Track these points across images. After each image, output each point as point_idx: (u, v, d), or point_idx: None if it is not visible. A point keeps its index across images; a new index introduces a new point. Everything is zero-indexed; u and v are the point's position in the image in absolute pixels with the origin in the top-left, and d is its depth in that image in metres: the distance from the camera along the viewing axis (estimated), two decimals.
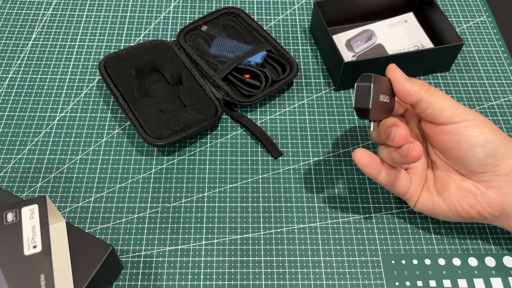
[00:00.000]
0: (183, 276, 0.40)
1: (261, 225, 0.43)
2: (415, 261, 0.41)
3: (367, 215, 0.44)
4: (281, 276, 0.41)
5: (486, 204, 0.38)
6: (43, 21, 0.58)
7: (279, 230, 0.43)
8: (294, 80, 0.53)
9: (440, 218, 0.40)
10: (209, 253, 0.42)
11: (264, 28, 0.56)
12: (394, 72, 0.38)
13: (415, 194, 0.40)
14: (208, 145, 0.48)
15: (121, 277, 0.40)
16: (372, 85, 0.34)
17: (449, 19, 0.57)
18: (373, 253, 0.42)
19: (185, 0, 0.61)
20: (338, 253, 0.42)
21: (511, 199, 0.37)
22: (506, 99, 0.52)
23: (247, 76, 0.51)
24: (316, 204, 0.45)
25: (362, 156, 0.38)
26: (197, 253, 0.42)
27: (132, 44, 0.56)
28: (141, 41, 0.56)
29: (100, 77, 0.53)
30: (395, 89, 0.38)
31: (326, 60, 0.54)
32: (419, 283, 0.40)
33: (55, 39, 0.56)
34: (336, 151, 0.48)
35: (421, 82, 0.38)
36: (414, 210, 0.42)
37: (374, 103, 0.35)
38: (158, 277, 0.40)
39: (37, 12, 0.59)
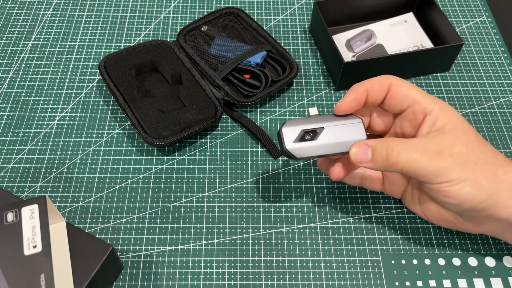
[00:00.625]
0: (183, 276, 0.40)
1: (261, 225, 0.43)
2: (415, 261, 0.41)
3: (367, 215, 0.44)
4: (281, 276, 0.41)
5: (465, 229, 0.39)
6: (43, 21, 0.58)
7: (279, 230, 0.43)
8: (294, 80, 0.53)
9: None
10: (209, 253, 0.42)
11: (264, 28, 0.56)
12: (356, 154, 0.37)
13: (396, 195, 0.42)
14: (208, 145, 0.48)
15: (121, 277, 0.40)
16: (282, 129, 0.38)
17: (449, 19, 0.57)
18: (373, 253, 0.42)
19: (185, 0, 0.61)
20: (338, 253, 0.42)
21: (490, 229, 0.38)
22: (506, 99, 0.52)
23: (247, 76, 0.51)
24: (316, 204, 0.45)
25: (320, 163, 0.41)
26: (197, 253, 0.42)
27: (132, 44, 0.56)
28: (141, 41, 0.56)
29: (100, 77, 0.53)
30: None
31: (326, 60, 0.54)
32: (419, 283, 0.40)
33: (55, 39, 0.56)
34: None
35: (395, 159, 0.35)
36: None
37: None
38: (158, 277, 0.40)
39: (37, 12, 0.59)
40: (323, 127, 0.38)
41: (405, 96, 0.37)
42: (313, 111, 0.39)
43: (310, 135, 0.38)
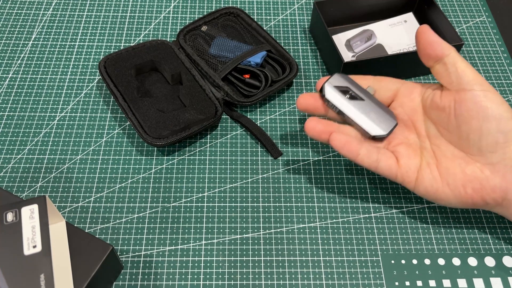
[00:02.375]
0: (183, 276, 0.40)
1: (261, 225, 0.43)
2: (414, 261, 0.41)
3: (367, 215, 0.44)
4: (281, 276, 0.41)
5: (490, 189, 0.37)
6: (43, 21, 0.58)
7: (279, 230, 0.43)
8: (294, 80, 0.53)
9: (441, 203, 0.40)
10: (209, 253, 0.42)
11: (264, 28, 0.56)
12: (422, 29, 0.39)
13: (408, 177, 0.39)
14: (208, 145, 0.48)
15: (121, 277, 0.40)
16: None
17: (449, 19, 0.57)
18: (373, 253, 0.42)
19: (185, 0, 0.61)
20: (338, 253, 0.42)
21: None
22: (506, 99, 0.52)
23: (247, 76, 0.51)
24: (316, 204, 0.45)
25: (313, 127, 0.41)
26: (197, 253, 0.42)
27: (132, 44, 0.56)
28: (141, 41, 0.56)
29: (100, 77, 0.53)
30: (423, 41, 0.39)
31: (326, 60, 0.54)
32: (419, 283, 0.40)
33: (55, 39, 0.56)
34: (336, 151, 0.48)
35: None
36: (415, 193, 0.41)
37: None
38: (158, 277, 0.40)
39: (37, 12, 0.59)
40: (364, 99, 0.41)
41: (412, 89, 0.42)
42: (371, 89, 0.42)
43: (350, 94, 0.41)
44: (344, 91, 0.41)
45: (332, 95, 0.41)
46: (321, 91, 0.41)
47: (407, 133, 0.41)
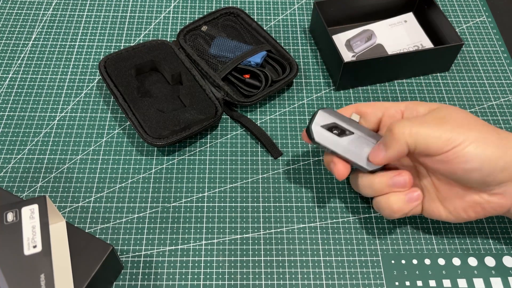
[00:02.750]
0: (183, 276, 0.40)
1: (261, 225, 0.43)
2: (415, 261, 0.41)
3: (367, 215, 0.44)
4: (281, 276, 0.41)
5: (492, 209, 0.37)
6: (43, 21, 0.58)
7: (279, 230, 0.43)
8: (294, 80, 0.53)
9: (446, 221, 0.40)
10: (209, 253, 0.42)
11: (264, 28, 0.56)
12: (372, 154, 0.38)
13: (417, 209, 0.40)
14: (208, 145, 0.48)
15: (121, 277, 0.40)
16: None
17: (449, 19, 0.57)
18: (373, 253, 0.42)
19: (185, 0, 0.61)
20: (338, 253, 0.42)
21: None
22: (506, 99, 0.52)
23: (247, 76, 0.51)
24: (316, 204, 0.45)
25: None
26: (197, 253, 0.42)
27: (132, 44, 0.56)
28: (141, 41, 0.56)
29: (100, 77, 0.53)
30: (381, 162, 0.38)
31: (326, 60, 0.54)
32: (419, 283, 0.40)
33: (55, 39, 0.56)
34: None
35: (400, 133, 0.36)
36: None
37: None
38: (158, 277, 0.40)
39: (37, 12, 0.59)
40: (353, 133, 0.39)
41: (377, 107, 0.40)
42: (355, 116, 0.40)
43: (338, 130, 0.39)
44: (331, 127, 0.39)
45: (321, 137, 0.39)
46: (309, 134, 0.39)
47: (402, 158, 0.40)
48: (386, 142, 0.37)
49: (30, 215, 0.34)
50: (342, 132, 0.39)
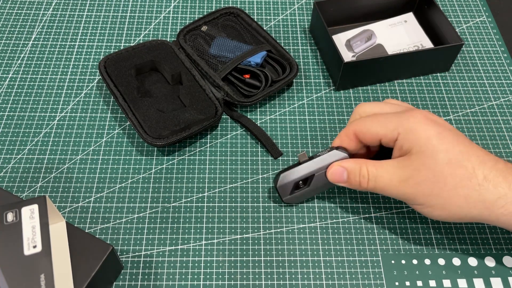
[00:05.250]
0: (183, 276, 0.40)
1: (261, 225, 0.43)
2: (415, 261, 0.41)
3: (367, 215, 0.44)
4: (281, 276, 0.41)
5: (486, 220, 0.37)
6: (43, 21, 0.58)
7: (279, 230, 0.43)
8: (294, 80, 0.53)
9: None
10: (209, 253, 0.42)
11: (264, 28, 0.56)
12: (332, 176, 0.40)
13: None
14: (208, 145, 0.48)
15: (121, 277, 0.40)
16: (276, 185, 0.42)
17: (449, 19, 0.57)
18: (373, 253, 0.42)
19: (185, 0, 0.61)
20: (338, 253, 0.42)
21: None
22: (506, 99, 0.52)
23: (247, 76, 0.51)
24: (316, 204, 0.45)
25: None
26: (197, 253, 0.42)
27: (132, 44, 0.56)
28: (141, 41, 0.56)
29: (100, 77, 0.53)
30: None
31: (326, 60, 0.54)
32: (419, 283, 0.40)
33: (55, 39, 0.56)
34: None
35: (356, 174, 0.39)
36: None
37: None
38: (158, 277, 0.40)
39: (37, 12, 0.59)
40: (314, 174, 0.41)
41: (371, 136, 0.39)
42: (302, 156, 0.41)
43: (302, 182, 0.42)
44: (296, 187, 0.42)
45: (297, 198, 0.43)
46: (288, 203, 0.43)
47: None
48: (350, 179, 0.39)
49: (30, 215, 0.34)
50: (305, 181, 0.42)
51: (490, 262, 0.42)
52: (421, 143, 0.35)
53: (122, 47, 0.56)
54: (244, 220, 0.44)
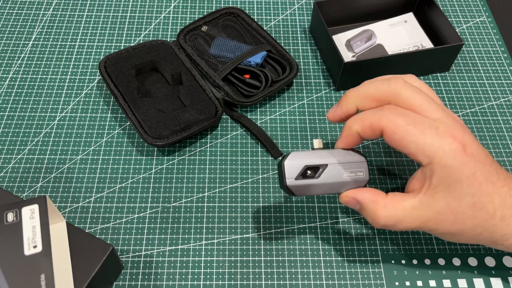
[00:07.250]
0: (183, 276, 0.40)
1: (261, 225, 0.43)
2: (415, 261, 0.41)
3: None
4: (281, 276, 0.41)
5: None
6: (43, 21, 0.58)
7: (279, 230, 0.43)
8: (294, 80, 0.53)
9: None
10: (209, 253, 0.42)
11: (264, 28, 0.56)
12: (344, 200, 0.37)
13: None
14: (208, 145, 0.48)
15: (121, 277, 0.40)
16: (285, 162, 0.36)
17: (449, 19, 0.57)
18: (373, 253, 0.42)
19: (185, 0, 0.61)
20: (338, 253, 0.42)
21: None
22: (506, 99, 0.52)
23: (247, 76, 0.51)
24: (316, 204, 0.45)
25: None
26: (197, 253, 0.42)
27: (132, 44, 0.56)
28: (141, 41, 0.56)
29: (100, 77, 0.53)
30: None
31: (326, 60, 0.54)
32: (419, 283, 0.40)
33: (55, 39, 0.56)
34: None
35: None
36: None
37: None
38: (158, 277, 0.40)
39: (37, 12, 0.59)
40: (327, 164, 0.36)
41: (400, 146, 0.34)
42: (317, 143, 0.37)
43: (312, 171, 0.36)
44: (304, 173, 0.36)
45: (301, 188, 0.36)
46: (287, 191, 0.36)
47: None
48: (364, 214, 0.36)
49: (30, 215, 0.34)
50: (316, 171, 0.36)
51: (490, 262, 0.42)
52: (451, 184, 0.33)
53: (122, 47, 0.56)
54: (244, 220, 0.44)
